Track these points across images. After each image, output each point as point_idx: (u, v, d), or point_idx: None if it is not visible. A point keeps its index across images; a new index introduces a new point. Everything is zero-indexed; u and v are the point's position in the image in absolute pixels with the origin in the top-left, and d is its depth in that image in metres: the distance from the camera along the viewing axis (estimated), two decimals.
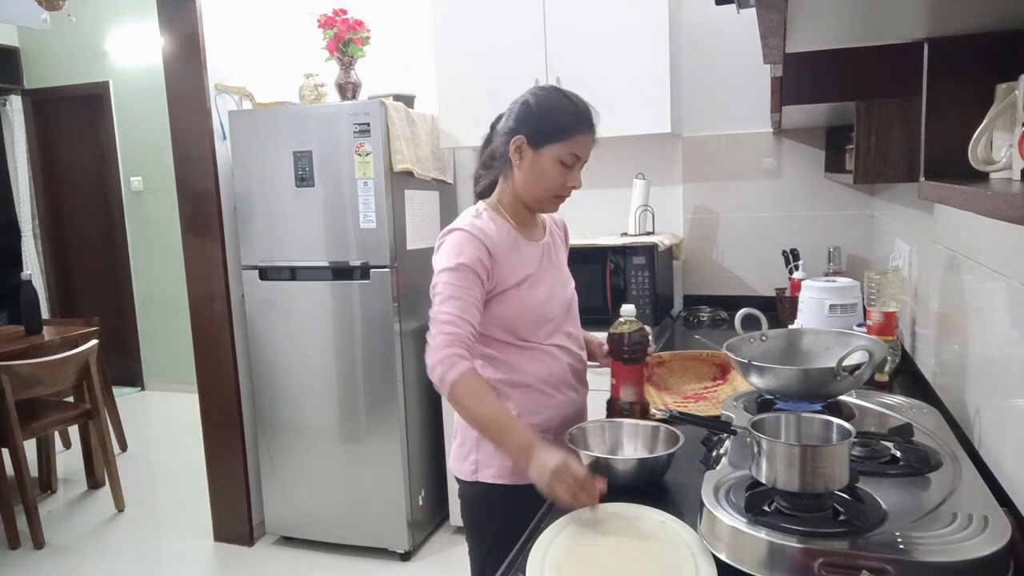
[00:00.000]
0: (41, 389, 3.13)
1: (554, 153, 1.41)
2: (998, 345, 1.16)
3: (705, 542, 0.97)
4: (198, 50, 2.79)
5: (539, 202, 1.48)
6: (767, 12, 0.78)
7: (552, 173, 1.43)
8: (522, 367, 1.47)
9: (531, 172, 1.44)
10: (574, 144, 1.41)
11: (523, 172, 1.45)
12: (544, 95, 1.45)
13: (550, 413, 1.50)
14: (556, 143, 1.41)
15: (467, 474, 1.50)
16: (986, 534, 0.86)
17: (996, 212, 0.65)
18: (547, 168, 1.42)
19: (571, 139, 1.41)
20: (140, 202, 5.24)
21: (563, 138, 1.40)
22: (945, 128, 0.96)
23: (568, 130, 1.40)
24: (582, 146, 1.43)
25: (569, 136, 1.41)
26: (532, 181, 1.44)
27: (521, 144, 1.43)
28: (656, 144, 2.95)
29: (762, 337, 1.49)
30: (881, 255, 2.45)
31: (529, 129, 1.42)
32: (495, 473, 1.46)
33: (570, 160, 1.42)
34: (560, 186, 1.44)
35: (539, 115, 1.42)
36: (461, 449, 1.52)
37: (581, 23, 2.67)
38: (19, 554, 3.01)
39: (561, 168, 1.42)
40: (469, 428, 1.48)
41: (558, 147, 1.41)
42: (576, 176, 1.45)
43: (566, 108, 1.42)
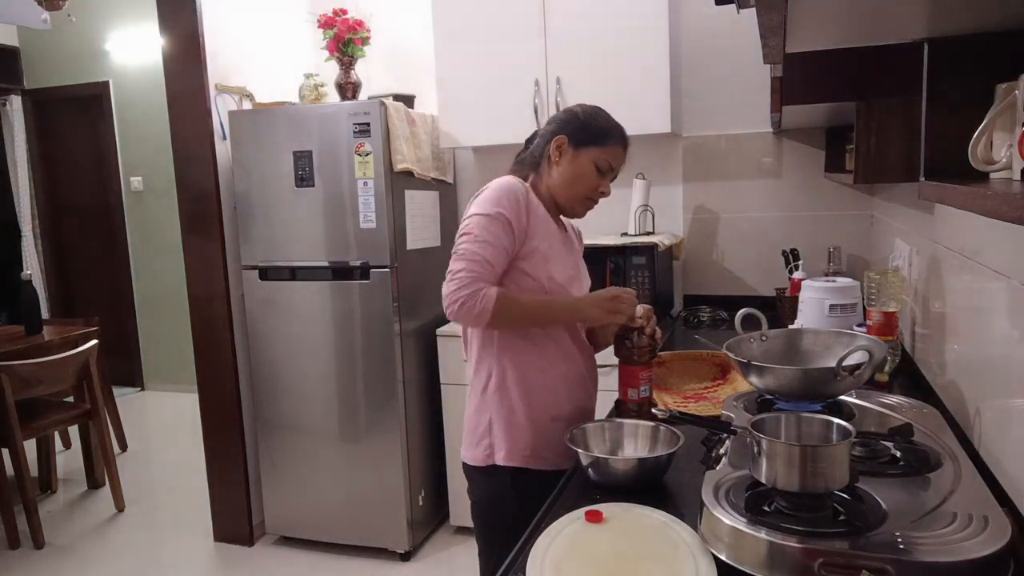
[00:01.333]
0: (41, 389, 3.13)
1: (592, 156, 1.52)
2: (998, 345, 1.16)
3: (705, 542, 0.97)
4: (198, 50, 2.79)
5: (570, 201, 1.57)
6: (767, 12, 0.78)
7: (588, 174, 1.53)
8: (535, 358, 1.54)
9: (569, 170, 1.53)
10: (611, 153, 1.53)
11: (561, 169, 1.54)
12: (590, 108, 1.58)
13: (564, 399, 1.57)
14: (596, 147, 1.52)
15: (481, 459, 1.55)
16: (986, 534, 0.86)
17: (996, 212, 0.65)
18: (584, 169, 1.53)
19: (609, 147, 1.53)
20: (140, 202, 5.24)
21: (603, 144, 1.52)
22: (945, 128, 0.96)
23: (610, 137, 1.53)
24: (617, 156, 1.55)
25: (608, 143, 1.53)
26: (569, 179, 1.54)
27: (563, 143, 1.53)
28: (656, 144, 2.95)
29: (762, 337, 1.49)
30: (881, 255, 2.45)
31: (572, 131, 1.53)
32: (506, 456, 1.52)
33: (605, 166, 1.53)
34: (593, 189, 1.54)
35: (584, 120, 1.54)
36: (473, 436, 1.58)
37: (581, 23, 2.67)
38: (19, 554, 3.01)
39: (596, 172, 1.53)
40: (482, 413, 1.56)
41: (597, 151, 1.52)
42: (608, 183, 1.56)
43: (609, 121, 1.56)
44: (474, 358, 1.61)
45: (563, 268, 1.56)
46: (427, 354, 2.95)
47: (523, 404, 1.53)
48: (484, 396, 1.57)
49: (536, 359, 1.54)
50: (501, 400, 1.54)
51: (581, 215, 1.62)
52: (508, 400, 1.54)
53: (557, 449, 1.48)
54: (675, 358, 1.88)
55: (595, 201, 1.58)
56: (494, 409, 1.55)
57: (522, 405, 1.53)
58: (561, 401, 1.56)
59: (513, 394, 1.53)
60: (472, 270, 1.40)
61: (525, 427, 1.52)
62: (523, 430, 1.52)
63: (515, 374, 1.53)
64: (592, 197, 1.56)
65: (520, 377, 1.53)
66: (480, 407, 1.58)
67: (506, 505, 1.48)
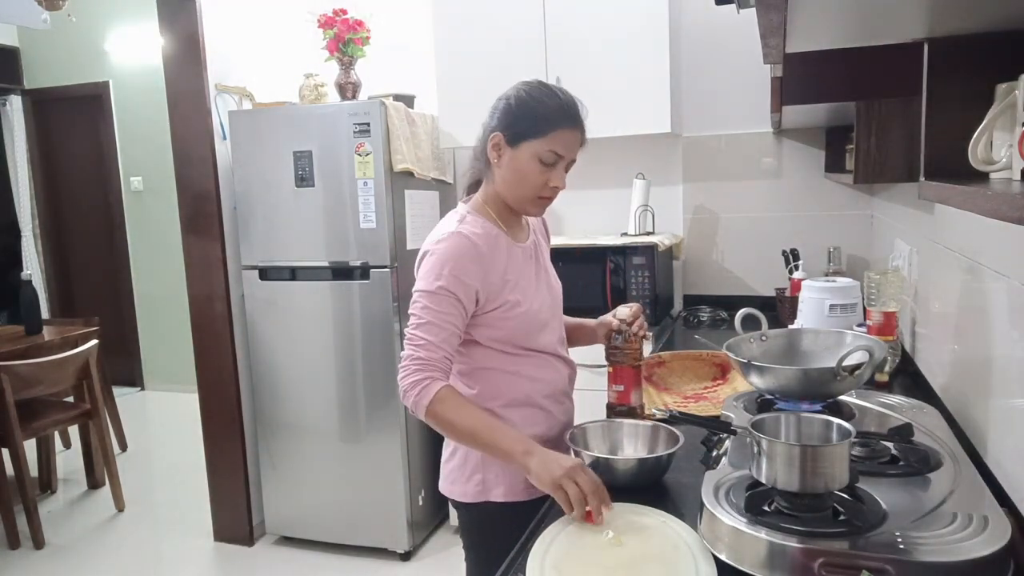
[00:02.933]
0: (41, 389, 3.13)
1: (532, 150, 1.32)
2: (998, 345, 1.16)
3: (705, 542, 0.97)
4: (198, 50, 2.79)
5: (521, 203, 1.39)
6: (767, 12, 0.78)
7: (531, 172, 1.34)
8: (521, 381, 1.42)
9: (510, 171, 1.35)
10: (553, 141, 1.32)
11: (502, 171, 1.37)
12: (526, 89, 1.35)
13: (550, 423, 1.47)
14: (534, 139, 1.32)
15: (472, 496, 1.42)
16: (986, 534, 0.86)
17: (996, 212, 0.65)
18: (525, 167, 1.33)
19: (549, 135, 1.31)
20: (140, 202, 5.24)
21: (541, 134, 1.31)
22: (945, 128, 0.96)
23: (547, 125, 1.31)
24: (563, 143, 1.33)
25: (547, 132, 1.31)
26: (512, 181, 1.36)
27: (499, 141, 1.35)
28: (656, 144, 2.95)
29: (762, 337, 1.49)
30: (881, 255, 2.45)
31: (506, 125, 1.34)
32: (505, 492, 1.39)
33: (550, 158, 1.33)
34: (541, 186, 1.35)
35: (517, 111, 1.33)
36: (462, 471, 1.43)
37: (581, 23, 2.67)
38: (19, 554, 3.01)
39: (540, 167, 1.33)
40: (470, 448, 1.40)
41: (536, 144, 1.32)
42: (559, 175, 1.35)
43: (546, 102, 1.33)
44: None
45: (540, 288, 1.45)
46: None
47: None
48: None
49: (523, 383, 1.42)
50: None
51: (538, 214, 1.46)
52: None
53: None
54: (675, 358, 1.88)
55: (550, 198, 1.39)
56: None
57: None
58: (551, 422, 1.47)
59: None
60: (416, 357, 1.28)
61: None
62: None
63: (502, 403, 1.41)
64: (543, 195, 1.37)
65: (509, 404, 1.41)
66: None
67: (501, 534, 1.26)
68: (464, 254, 1.32)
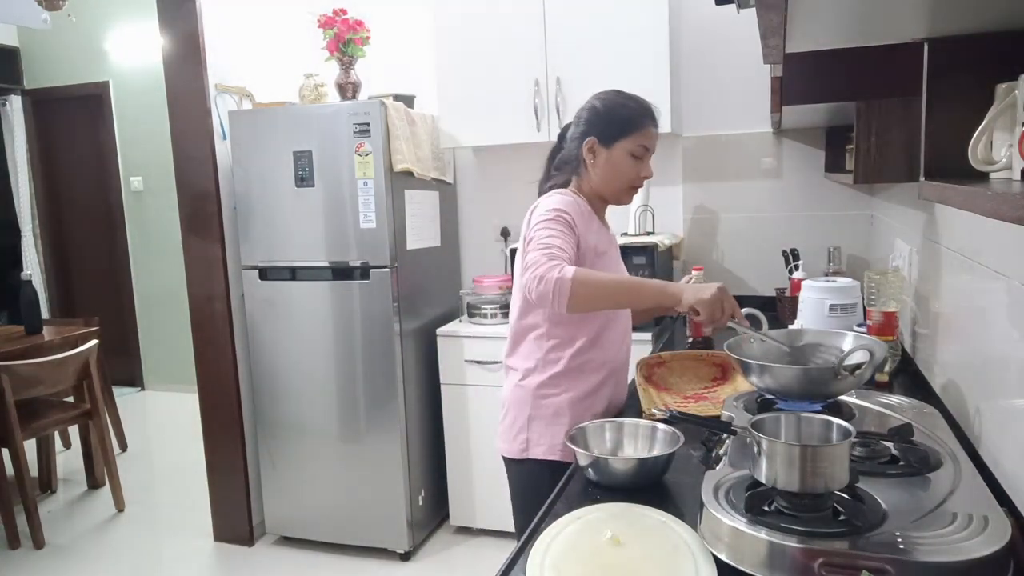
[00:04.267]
0: (41, 389, 3.13)
1: (624, 147, 1.55)
2: (998, 345, 1.16)
3: (705, 542, 0.97)
4: (198, 50, 2.79)
5: (617, 194, 1.62)
6: (767, 12, 0.78)
7: (625, 166, 1.56)
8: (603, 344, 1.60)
9: (606, 168, 1.57)
10: (641, 136, 1.55)
11: (599, 169, 1.58)
12: (608, 97, 1.58)
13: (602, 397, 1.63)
14: (625, 138, 1.54)
15: (517, 452, 1.60)
16: (986, 534, 0.86)
17: (996, 212, 0.65)
18: (620, 162, 1.56)
19: (637, 132, 1.54)
20: (140, 202, 5.24)
21: (630, 132, 1.54)
22: (945, 128, 0.96)
23: (634, 124, 1.54)
24: (648, 137, 1.56)
25: (636, 130, 1.54)
26: (609, 176, 1.58)
27: (593, 144, 1.56)
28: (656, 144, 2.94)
29: (762, 337, 1.49)
30: (881, 255, 2.45)
31: (599, 130, 1.56)
32: (546, 450, 1.57)
33: (639, 152, 1.56)
34: (635, 177, 1.58)
35: (606, 116, 1.56)
36: (511, 429, 1.62)
37: (581, 23, 2.67)
38: (19, 554, 3.01)
39: (632, 160, 1.56)
40: (521, 407, 1.60)
41: (627, 141, 1.55)
42: (647, 166, 1.59)
43: (629, 105, 1.56)
44: (521, 349, 1.63)
45: (617, 268, 1.66)
46: (427, 354, 2.95)
47: (565, 402, 1.58)
48: (523, 390, 1.61)
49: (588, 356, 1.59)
50: (543, 398, 1.59)
51: (629, 202, 1.69)
52: (551, 399, 1.59)
53: None
54: (675, 358, 1.88)
55: (639, 187, 1.63)
56: (534, 406, 1.60)
57: (564, 403, 1.58)
58: (602, 396, 1.63)
59: (555, 391, 1.59)
60: (549, 253, 1.42)
61: (564, 424, 1.56)
62: (562, 427, 1.56)
63: (558, 370, 1.58)
64: (636, 185, 1.61)
65: (564, 374, 1.58)
66: (519, 400, 1.62)
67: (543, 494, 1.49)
68: (570, 205, 1.53)
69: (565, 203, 1.53)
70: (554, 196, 1.56)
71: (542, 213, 1.51)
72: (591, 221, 1.58)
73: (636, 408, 1.64)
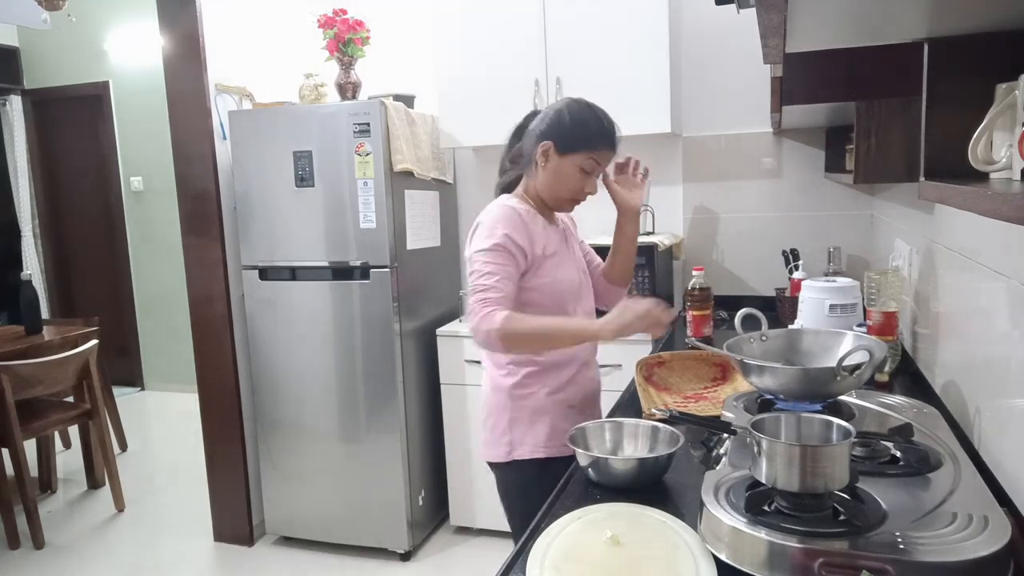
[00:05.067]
0: (41, 389, 3.13)
1: (577, 161, 1.55)
2: (998, 345, 1.16)
3: (705, 542, 0.97)
4: (198, 50, 2.79)
5: (557, 202, 1.62)
6: (767, 12, 0.78)
7: (573, 178, 1.57)
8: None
9: (554, 175, 1.57)
10: (597, 155, 1.56)
11: (546, 174, 1.58)
12: (577, 107, 1.57)
13: (575, 389, 1.67)
14: (580, 152, 1.55)
15: (503, 456, 1.63)
16: (986, 534, 0.86)
17: (996, 212, 0.65)
18: (569, 173, 1.56)
19: (594, 151, 1.55)
20: (140, 202, 5.24)
21: (588, 149, 1.55)
22: (945, 128, 0.96)
23: (594, 142, 1.55)
24: (603, 158, 1.58)
25: (594, 148, 1.55)
26: (554, 183, 1.58)
27: (548, 149, 1.56)
28: (656, 144, 2.95)
29: (762, 337, 1.49)
30: (881, 255, 2.45)
31: (558, 135, 1.55)
32: (530, 450, 1.61)
33: (590, 167, 1.56)
34: (579, 190, 1.58)
35: (570, 125, 1.55)
36: (493, 434, 1.66)
37: (581, 23, 2.67)
38: (19, 554, 3.01)
39: (581, 174, 1.56)
40: (501, 411, 1.64)
41: (581, 156, 1.55)
42: (594, 183, 1.60)
43: (593, 123, 1.56)
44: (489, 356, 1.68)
45: (568, 268, 1.65)
46: (427, 354, 2.95)
47: (542, 400, 1.62)
48: (500, 393, 1.65)
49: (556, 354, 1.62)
50: (519, 397, 1.63)
51: (569, 211, 1.69)
52: (528, 399, 1.62)
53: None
54: (675, 358, 1.88)
55: (580, 201, 1.63)
56: (512, 407, 1.63)
57: (541, 401, 1.62)
58: (575, 388, 1.67)
59: (530, 390, 1.62)
60: (484, 300, 1.46)
61: (544, 421, 1.61)
62: (543, 424, 1.61)
63: (531, 370, 1.62)
64: (578, 198, 1.61)
65: (537, 373, 1.62)
66: (497, 405, 1.66)
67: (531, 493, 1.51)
68: (511, 218, 1.54)
69: (505, 219, 1.54)
70: (494, 211, 1.57)
71: (481, 240, 1.53)
72: (535, 225, 1.59)
73: (636, 408, 1.64)
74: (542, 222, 1.62)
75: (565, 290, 1.62)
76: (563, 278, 1.62)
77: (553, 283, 1.59)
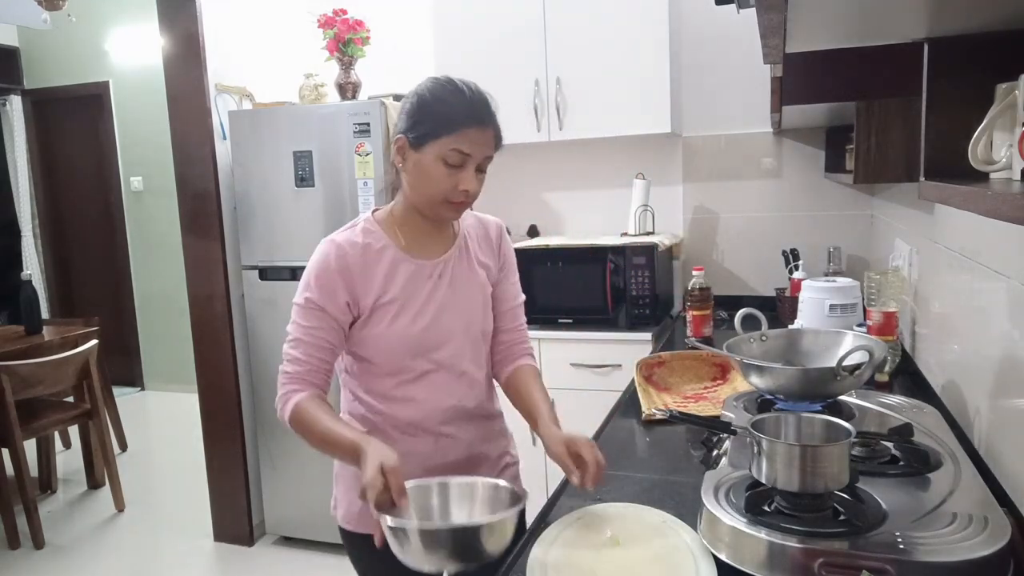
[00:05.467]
0: (41, 389, 3.13)
1: (436, 151, 1.21)
2: (998, 345, 1.16)
3: (705, 542, 0.97)
4: (198, 50, 2.79)
5: (431, 208, 1.27)
6: (767, 12, 0.78)
7: (437, 175, 1.22)
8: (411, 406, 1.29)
9: (415, 175, 1.25)
10: (458, 140, 1.21)
11: (408, 176, 1.27)
12: (432, 86, 1.28)
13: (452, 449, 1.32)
14: (437, 140, 1.21)
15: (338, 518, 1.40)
16: (986, 534, 0.86)
17: (996, 212, 0.65)
18: (430, 169, 1.22)
19: (453, 135, 1.21)
20: (140, 202, 5.24)
21: (444, 134, 1.21)
22: (945, 128, 0.96)
23: (450, 125, 1.21)
24: (468, 142, 1.22)
25: (451, 131, 1.21)
26: (418, 185, 1.25)
27: (402, 144, 1.25)
28: (656, 144, 2.95)
29: (762, 337, 1.49)
30: (881, 255, 2.45)
31: (408, 126, 1.25)
32: (343, 516, 1.38)
33: (455, 159, 1.21)
34: (450, 190, 1.23)
35: (419, 112, 1.24)
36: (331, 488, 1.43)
37: (581, 23, 2.67)
38: (19, 554, 3.01)
39: (446, 168, 1.22)
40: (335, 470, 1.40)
41: (439, 145, 1.21)
42: (469, 178, 1.23)
43: (450, 100, 1.24)
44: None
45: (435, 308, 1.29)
46: None
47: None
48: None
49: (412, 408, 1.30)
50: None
51: (453, 218, 1.35)
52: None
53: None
54: (675, 358, 1.88)
55: (463, 203, 1.27)
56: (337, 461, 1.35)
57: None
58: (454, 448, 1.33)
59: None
60: (286, 375, 1.25)
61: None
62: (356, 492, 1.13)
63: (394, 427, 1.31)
64: (452, 200, 1.25)
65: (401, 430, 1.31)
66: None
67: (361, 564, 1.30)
68: (330, 265, 1.25)
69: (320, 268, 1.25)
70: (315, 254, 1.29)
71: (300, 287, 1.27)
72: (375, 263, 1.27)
73: (636, 408, 1.64)
74: (391, 257, 1.28)
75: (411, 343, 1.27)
76: (400, 331, 1.26)
77: (386, 336, 1.26)
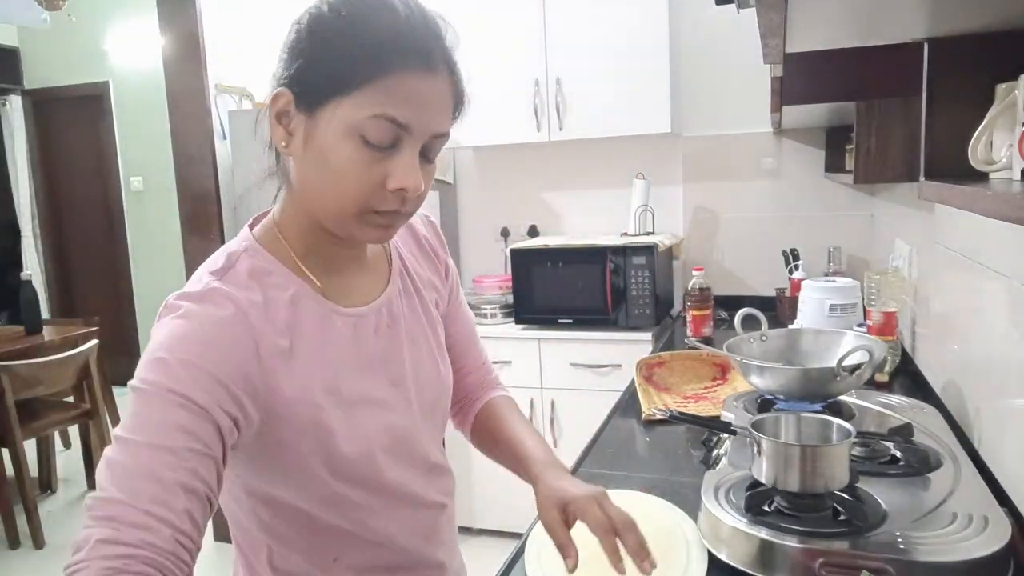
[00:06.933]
0: (41, 389, 3.13)
1: (345, 119, 0.68)
2: (998, 345, 1.16)
3: (705, 542, 0.97)
4: (198, 50, 2.79)
5: (341, 222, 0.73)
6: (767, 12, 0.78)
7: (347, 162, 0.69)
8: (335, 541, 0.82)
9: (311, 161, 0.71)
10: (385, 96, 0.68)
11: (299, 164, 0.73)
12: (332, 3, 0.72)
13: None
14: (346, 97, 0.68)
15: None
16: (986, 534, 0.86)
17: (996, 212, 0.65)
18: (335, 151, 0.69)
19: (375, 85, 0.67)
20: (140, 202, 5.24)
21: (358, 85, 0.68)
22: (945, 128, 0.96)
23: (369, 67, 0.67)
24: (404, 101, 0.69)
25: (371, 79, 0.67)
26: (314, 181, 0.72)
27: (286, 105, 0.73)
28: (656, 144, 2.95)
29: (762, 337, 1.49)
30: (881, 255, 2.45)
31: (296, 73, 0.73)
32: None
33: (380, 132, 0.68)
34: (372, 188, 0.70)
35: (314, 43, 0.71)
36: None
37: (581, 23, 2.67)
38: (19, 554, 3.01)
39: (364, 149, 0.69)
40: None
41: (350, 106, 0.68)
42: (406, 166, 0.70)
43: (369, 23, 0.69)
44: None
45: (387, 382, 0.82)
46: None
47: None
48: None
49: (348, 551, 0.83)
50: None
51: (378, 239, 0.77)
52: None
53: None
54: (675, 358, 1.88)
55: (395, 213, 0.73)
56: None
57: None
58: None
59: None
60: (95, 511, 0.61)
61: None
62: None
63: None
64: (376, 207, 0.71)
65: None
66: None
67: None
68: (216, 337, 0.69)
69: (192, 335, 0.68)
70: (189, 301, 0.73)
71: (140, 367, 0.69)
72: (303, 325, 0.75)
73: (636, 408, 1.64)
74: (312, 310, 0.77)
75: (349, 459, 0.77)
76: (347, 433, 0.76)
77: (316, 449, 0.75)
